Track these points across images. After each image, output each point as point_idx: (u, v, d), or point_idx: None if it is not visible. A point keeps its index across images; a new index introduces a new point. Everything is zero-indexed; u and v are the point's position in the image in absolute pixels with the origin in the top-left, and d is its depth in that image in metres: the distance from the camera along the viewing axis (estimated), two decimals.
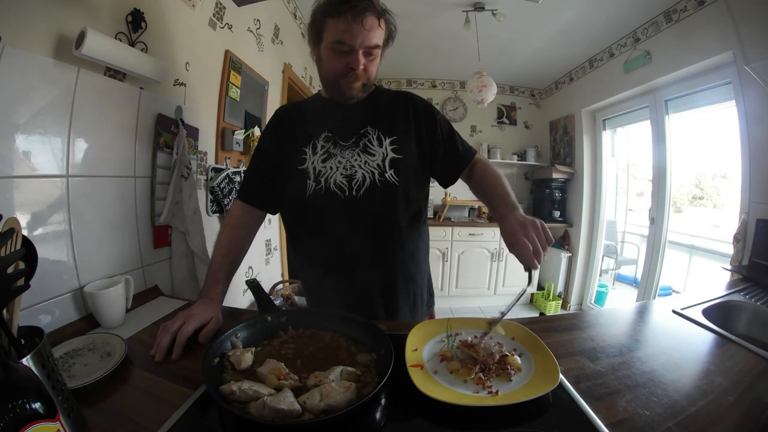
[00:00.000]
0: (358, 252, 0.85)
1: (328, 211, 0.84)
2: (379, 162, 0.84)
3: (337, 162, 0.84)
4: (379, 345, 0.62)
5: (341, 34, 0.75)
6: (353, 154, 0.84)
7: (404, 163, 0.86)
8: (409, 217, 0.89)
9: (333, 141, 0.86)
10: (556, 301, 3.44)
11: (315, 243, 0.88)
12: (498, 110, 4.00)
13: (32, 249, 0.50)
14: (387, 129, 0.87)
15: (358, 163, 0.84)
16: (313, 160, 0.85)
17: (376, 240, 0.85)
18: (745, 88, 1.77)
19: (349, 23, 0.73)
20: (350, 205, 0.83)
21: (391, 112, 0.90)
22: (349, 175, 0.83)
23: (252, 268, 1.88)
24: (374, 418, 0.52)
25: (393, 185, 0.84)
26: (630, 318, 0.97)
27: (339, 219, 0.84)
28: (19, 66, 0.73)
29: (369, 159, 0.84)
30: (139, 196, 1.09)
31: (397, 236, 0.87)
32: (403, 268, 0.90)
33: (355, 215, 0.84)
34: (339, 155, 0.85)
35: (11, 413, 0.32)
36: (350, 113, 0.88)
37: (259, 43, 1.90)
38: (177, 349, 0.68)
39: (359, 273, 0.86)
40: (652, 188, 2.68)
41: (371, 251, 0.85)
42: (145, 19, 1.06)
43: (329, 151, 0.85)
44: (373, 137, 0.86)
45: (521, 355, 0.66)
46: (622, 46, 2.67)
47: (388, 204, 0.85)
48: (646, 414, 0.53)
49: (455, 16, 2.38)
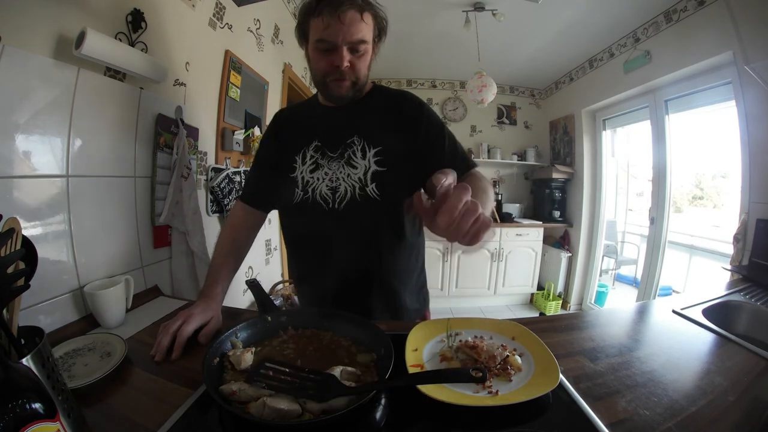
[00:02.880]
0: (337, 261, 0.85)
1: (311, 220, 0.85)
2: (360, 176, 0.83)
3: (323, 173, 0.85)
4: (379, 345, 0.62)
5: (321, 32, 0.74)
6: (339, 166, 0.84)
7: (389, 175, 0.83)
8: (393, 231, 0.87)
9: (321, 151, 0.86)
10: (556, 301, 3.44)
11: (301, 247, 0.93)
12: (498, 110, 4.00)
13: (32, 249, 0.50)
14: (373, 138, 0.84)
15: (342, 176, 0.83)
16: (302, 169, 0.87)
17: (354, 252, 0.85)
18: (745, 88, 1.77)
19: (327, 20, 0.72)
20: (332, 217, 0.83)
21: (383, 117, 0.86)
22: (334, 188, 0.84)
23: (252, 268, 1.88)
24: (374, 418, 0.52)
25: (374, 200, 0.82)
26: (630, 318, 0.97)
27: (321, 229, 0.85)
28: (19, 66, 0.73)
29: (352, 172, 0.83)
30: (139, 196, 1.09)
31: (375, 249, 0.86)
32: (380, 280, 0.88)
33: (335, 227, 0.84)
34: (326, 166, 0.85)
35: (11, 413, 0.32)
36: (339, 120, 0.87)
37: (259, 43, 1.90)
38: (177, 349, 0.68)
39: (338, 280, 0.86)
40: (652, 188, 2.68)
41: (349, 261, 0.85)
42: (145, 19, 1.06)
43: (317, 161, 0.86)
44: (358, 148, 0.84)
45: (521, 355, 0.66)
46: (622, 46, 2.67)
47: (368, 218, 0.83)
48: (646, 414, 0.53)
49: (455, 16, 2.38)
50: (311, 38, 0.78)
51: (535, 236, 3.54)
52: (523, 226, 3.52)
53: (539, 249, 3.55)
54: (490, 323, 0.78)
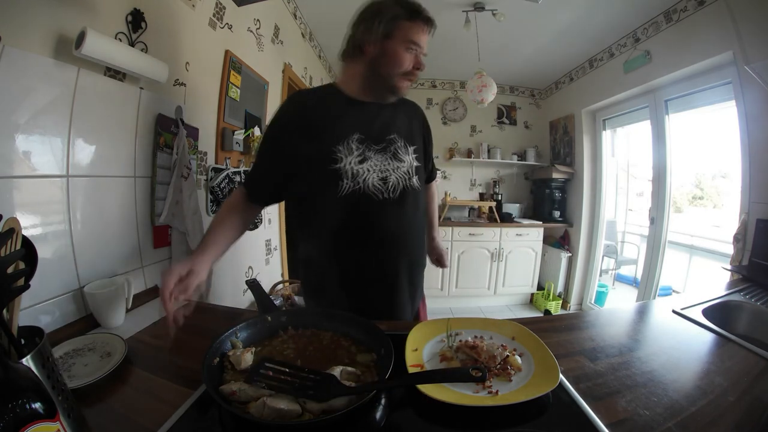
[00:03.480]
0: (389, 244, 0.91)
1: (363, 210, 0.88)
2: (407, 169, 0.93)
3: (372, 165, 0.88)
4: (379, 345, 0.63)
5: (416, 36, 0.85)
6: (385, 159, 0.90)
7: (421, 171, 0.98)
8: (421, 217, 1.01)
9: (366, 144, 0.89)
10: (556, 301, 3.44)
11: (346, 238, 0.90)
12: (498, 110, 4.00)
13: (32, 249, 0.50)
14: (409, 138, 0.96)
15: (391, 168, 0.90)
16: (350, 160, 0.86)
17: (403, 234, 0.94)
18: (745, 88, 1.77)
19: (423, 29, 0.86)
20: (387, 206, 0.89)
21: (409, 122, 1.00)
22: (384, 179, 0.89)
23: (252, 268, 1.88)
24: (374, 418, 0.52)
25: (416, 190, 0.95)
26: (630, 318, 0.97)
27: (376, 219, 0.89)
28: (19, 66, 0.73)
29: (399, 165, 0.92)
30: (139, 196, 1.09)
31: (418, 231, 0.99)
32: (420, 259, 1.03)
33: (392, 216, 0.91)
34: (373, 158, 0.89)
35: (11, 413, 0.32)
36: (380, 116, 0.93)
37: (259, 43, 1.90)
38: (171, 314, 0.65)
39: (390, 262, 0.93)
40: (652, 188, 2.67)
41: (401, 244, 0.93)
42: (145, 19, 1.06)
43: (364, 153, 0.88)
44: (400, 145, 0.93)
45: (521, 355, 0.66)
46: (622, 46, 2.66)
47: (413, 207, 0.95)
48: (646, 414, 0.54)
49: (455, 16, 2.38)
50: (400, 36, 0.85)
51: (535, 236, 3.53)
52: (523, 226, 3.52)
53: (539, 249, 3.55)
54: (490, 323, 0.78)
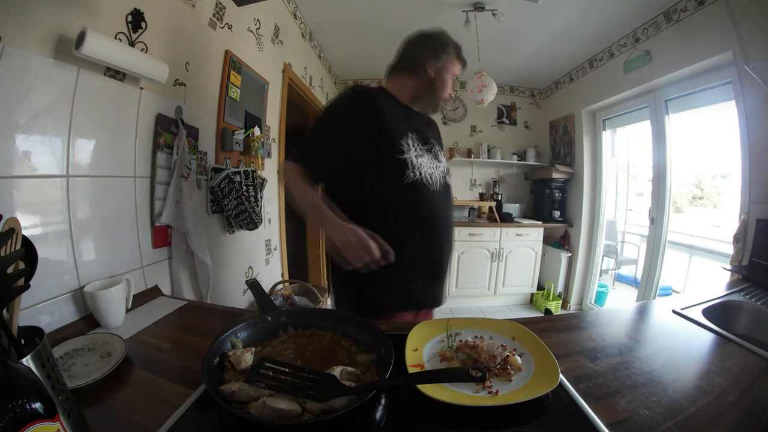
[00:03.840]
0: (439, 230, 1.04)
1: (423, 198, 1.00)
2: (443, 168, 1.09)
3: (424, 161, 1.03)
4: (379, 345, 0.62)
5: (458, 73, 1.11)
6: (429, 158, 1.05)
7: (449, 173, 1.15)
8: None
9: (419, 143, 1.03)
10: (556, 301, 3.44)
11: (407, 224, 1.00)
12: (498, 110, 4.00)
13: (32, 249, 0.50)
14: (440, 145, 1.16)
15: (433, 166, 1.05)
16: (412, 153, 1.00)
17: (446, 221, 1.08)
18: (745, 88, 1.77)
19: (461, 70, 1.12)
20: (437, 197, 1.04)
21: (438, 133, 1.19)
22: (430, 174, 1.03)
23: (252, 268, 1.88)
24: (374, 418, 0.52)
25: (450, 186, 1.12)
26: (630, 318, 0.97)
27: (428, 205, 1.02)
28: (19, 66, 0.73)
29: (439, 165, 1.08)
30: (139, 196, 1.09)
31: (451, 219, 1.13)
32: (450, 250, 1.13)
33: (441, 206, 1.05)
34: (423, 155, 1.03)
35: (11, 413, 0.32)
36: (423, 123, 1.12)
37: (259, 43, 1.90)
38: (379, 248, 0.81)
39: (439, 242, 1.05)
40: (652, 188, 2.67)
41: (448, 231, 1.09)
42: (145, 19, 1.06)
43: (419, 150, 1.02)
44: (438, 149, 1.11)
45: (521, 355, 0.66)
46: (622, 46, 2.66)
47: (450, 200, 1.13)
48: (646, 414, 0.54)
49: (455, 16, 2.38)
50: (451, 71, 1.09)
51: (535, 236, 3.53)
52: (523, 226, 3.52)
53: (539, 249, 3.55)
54: (490, 323, 0.78)
